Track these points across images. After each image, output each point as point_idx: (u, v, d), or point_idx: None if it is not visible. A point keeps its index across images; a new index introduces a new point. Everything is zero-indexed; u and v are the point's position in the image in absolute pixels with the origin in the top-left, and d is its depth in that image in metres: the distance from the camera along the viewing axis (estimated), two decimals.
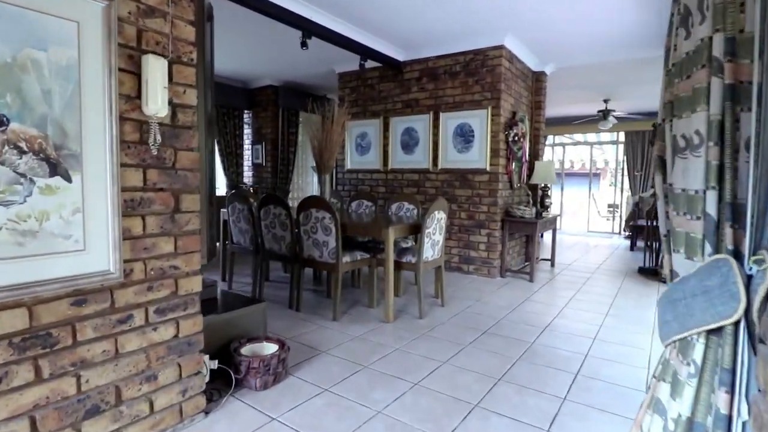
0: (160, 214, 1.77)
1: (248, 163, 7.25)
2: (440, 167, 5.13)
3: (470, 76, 4.88)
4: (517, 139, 4.86)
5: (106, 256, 1.59)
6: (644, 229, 7.41)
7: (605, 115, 7.54)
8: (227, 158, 6.88)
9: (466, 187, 4.98)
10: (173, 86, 1.79)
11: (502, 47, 4.64)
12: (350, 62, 5.55)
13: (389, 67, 5.36)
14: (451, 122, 5.02)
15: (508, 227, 4.88)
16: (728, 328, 1.02)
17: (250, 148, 7.20)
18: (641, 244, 7.80)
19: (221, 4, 3.40)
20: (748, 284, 0.99)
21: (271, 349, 2.42)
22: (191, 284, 1.90)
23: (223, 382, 2.22)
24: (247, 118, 7.21)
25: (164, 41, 1.74)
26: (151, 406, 1.77)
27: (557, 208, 9.65)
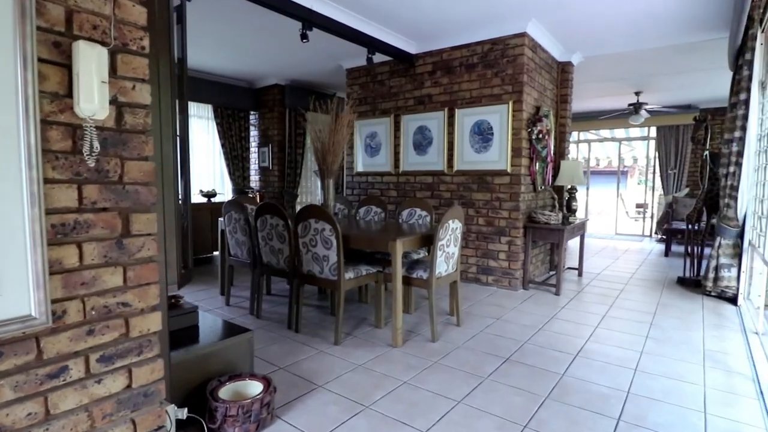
0: (102, 239, 1.43)
1: (255, 166, 6.96)
2: (456, 169, 4.72)
3: (489, 68, 4.45)
4: (541, 136, 4.41)
5: (25, 297, 1.25)
6: (682, 233, 6.84)
7: (637, 108, 6.98)
8: (233, 162, 6.61)
9: (484, 190, 4.56)
10: (117, 81, 1.45)
11: (524, 35, 4.20)
12: (358, 57, 5.19)
13: (400, 60, 4.97)
14: (467, 119, 4.60)
15: (531, 234, 4.43)
16: None
17: (256, 150, 6.91)
18: (677, 248, 7.24)
19: None
20: None
21: (255, 389, 2.07)
22: (147, 323, 1.56)
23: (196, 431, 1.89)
24: (253, 119, 6.92)
25: (104, 25, 1.40)
26: None
27: (582, 209, 9.10)
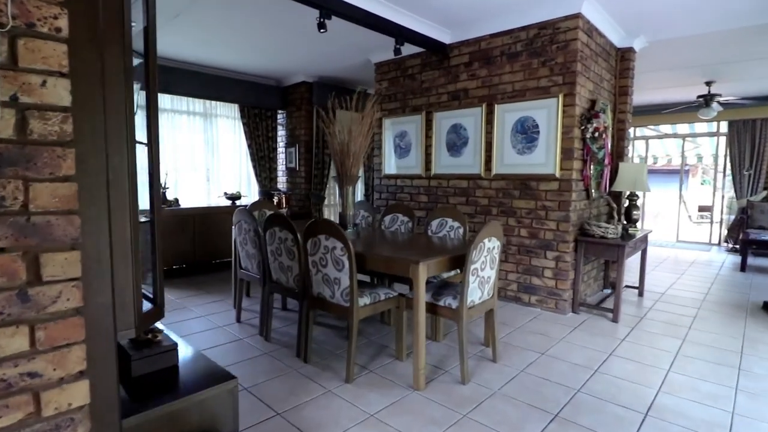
0: None
1: (282, 167, 6.66)
2: (495, 172, 4.15)
3: (535, 56, 3.85)
4: (596, 135, 3.76)
5: None
6: (762, 244, 5.90)
7: (708, 101, 6.07)
8: (259, 163, 6.33)
9: (527, 197, 3.97)
10: (19, 75, 1.06)
11: (578, 16, 3.57)
12: (387, 50, 4.71)
13: (432, 51, 4.46)
14: (509, 116, 4.02)
15: (583, 250, 3.81)
16: None
17: (284, 151, 6.61)
18: (756, 262, 6.28)
19: None
20: None
21: None
22: (68, 396, 1.18)
23: None
24: (281, 118, 6.62)
25: None
26: None
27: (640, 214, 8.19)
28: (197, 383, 1.84)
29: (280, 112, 6.59)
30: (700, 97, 6.22)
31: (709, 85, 6.15)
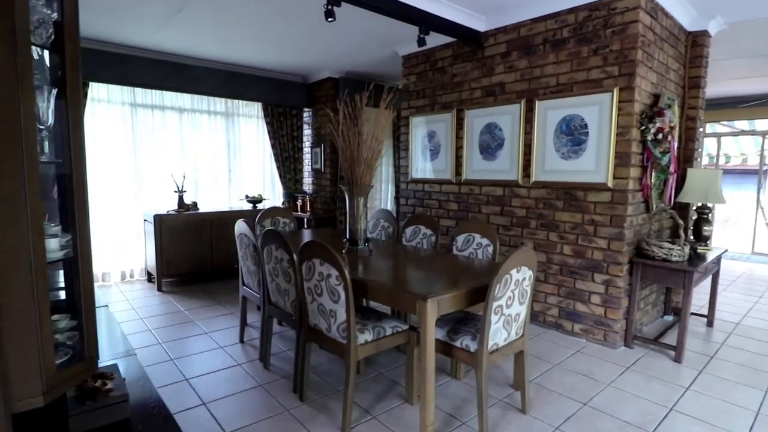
0: None
1: (308, 168, 6.37)
2: (534, 179, 3.60)
3: (585, 43, 3.26)
4: (660, 137, 3.13)
5: None
6: None
7: None
8: (283, 164, 6.07)
9: (573, 209, 3.40)
10: None
11: None
12: (415, 40, 4.25)
13: (465, 41, 3.95)
14: (552, 114, 3.46)
15: (640, 273, 3.19)
16: None
17: (309, 151, 6.31)
18: None
19: None
20: None
21: None
22: None
23: None
24: (307, 117, 6.32)
25: None
26: None
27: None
28: None
29: (306, 110, 6.29)
30: None
31: None
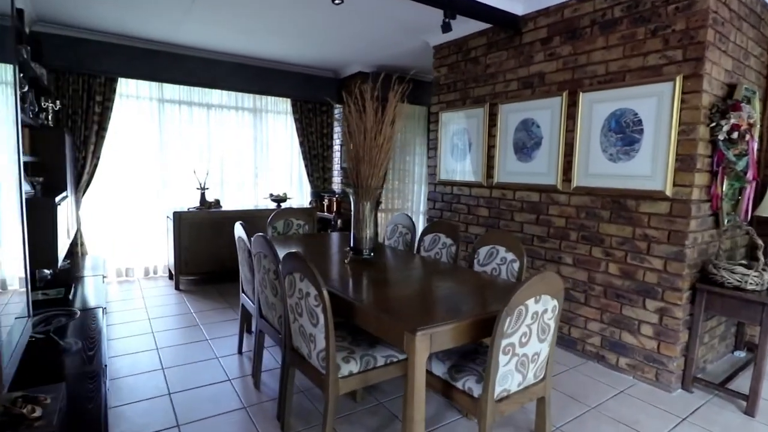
0: None
1: (337, 167, 6.13)
2: (576, 184, 3.09)
3: (641, 23, 2.72)
4: (735, 136, 2.53)
5: None
6: None
7: None
8: (311, 162, 5.86)
9: (621, 221, 2.87)
10: None
11: None
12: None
13: (500, 26, 3.50)
14: (599, 108, 2.94)
15: (704, 302, 2.61)
16: None
17: (340, 149, 6.06)
18: None
19: None
20: None
21: None
22: None
23: None
24: (337, 113, 6.07)
25: None
26: None
27: None
28: None
29: (337, 106, 6.05)
30: None
31: None
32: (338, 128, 6.09)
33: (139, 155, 4.78)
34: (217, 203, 4.87)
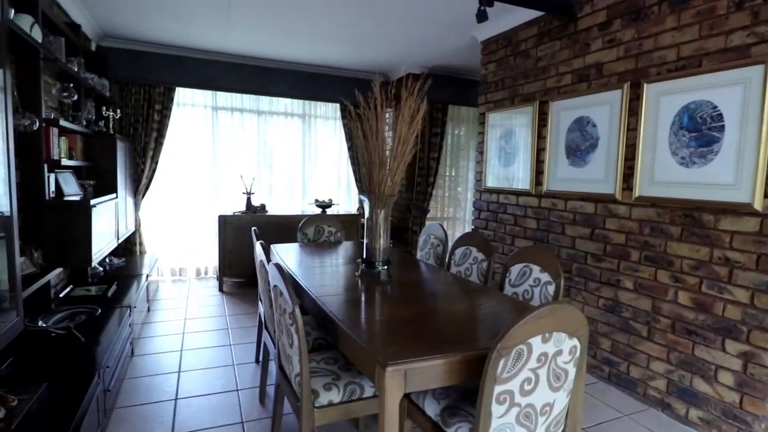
0: None
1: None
2: (638, 193, 2.59)
3: None
4: None
5: None
6: None
7: None
8: (359, 167, 5.73)
9: (695, 239, 2.32)
10: None
11: None
12: (496, 20, 3.54)
13: (553, 13, 3.09)
14: (668, 101, 2.42)
15: None
16: None
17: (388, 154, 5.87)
18: None
19: None
20: None
21: None
22: None
23: None
24: (388, 118, 5.90)
25: None
26: None
27: None
28: None
29: (387, 110, 5.87)
30: None
31: None
32: (389, 133, 5.90)
33: (193, 160, 5.00)
34: (262, 208, 4.93)
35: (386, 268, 2.42)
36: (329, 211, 5.19)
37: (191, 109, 4.93)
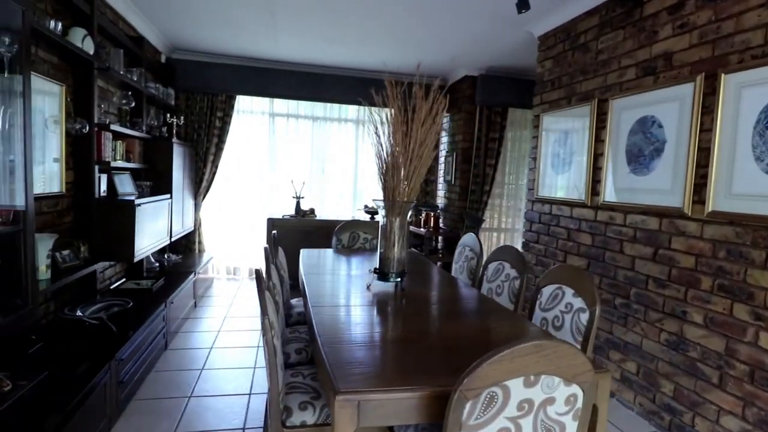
0: None
1: (441, 180, 5.71)
2: (712, 208, 2.12)
3: None
4: None
5: None
6: None
7: None
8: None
9: None
10: None
11: None
12: (555, 12, 3.23)
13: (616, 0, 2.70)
14: (753, 95, 1.95)
15: None
16: None
17: (444, 160, 5.64)
18: None
19: None
20: None
21: None
22: None
23: None
24: (445, 123, 5.68)
25: None
26: None
27: None
28: None
29: (446, 114, 5.66)
30: None
31: None
32: (445, 138, 5.68)
33: (250, 165, 5.21)
34: (312, 212, 4.98)
35: (399, 280, 2.24)
36: (377, 217, 5.09)
37: (250, 115, 5.15)
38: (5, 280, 1.83)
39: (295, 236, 4.71)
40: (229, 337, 3.42)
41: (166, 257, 4.34)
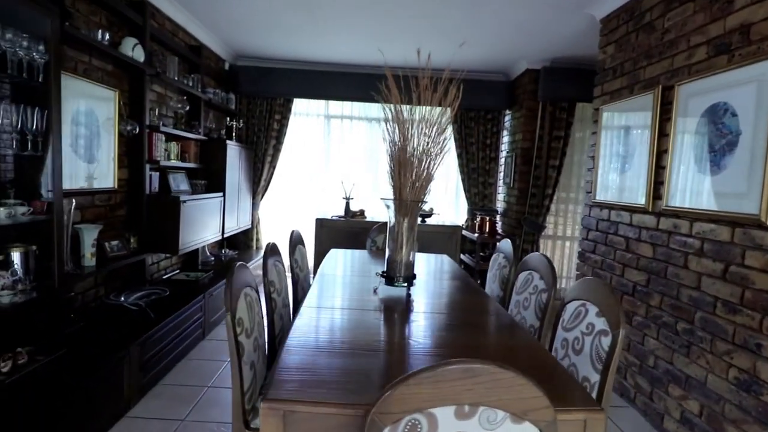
0: None
1: (501, 182, 5.36)
2: None
3: None
4: None
5: None
6: None
7: None
8: (469, 176, 5.30)
9: None
10: None
11: None
12: None
13: None
14: None
15: None
16: None
17: (504, 162, 5.28)
18: None
19: None
20: None
21: None
22: None
23: None
24: (507, 121, 5.32)
25: None
26: None
27: None
28: None
29: (507, 112, 5.30)
30: None
31: None
32: (506, 137, 5.33)
33: (306, 165, 5.36)
34: (361, 213, 4.96)
35: (406, 285, 2.09)
36: (429, 221, 4.92)
37: (306, 118, 5.29)
38: (42, 264, 2.03)
39: (343, 237, 4.72)
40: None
41: (222, 252, 4.61)
